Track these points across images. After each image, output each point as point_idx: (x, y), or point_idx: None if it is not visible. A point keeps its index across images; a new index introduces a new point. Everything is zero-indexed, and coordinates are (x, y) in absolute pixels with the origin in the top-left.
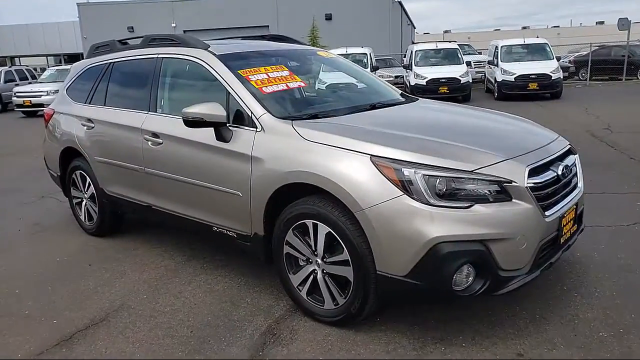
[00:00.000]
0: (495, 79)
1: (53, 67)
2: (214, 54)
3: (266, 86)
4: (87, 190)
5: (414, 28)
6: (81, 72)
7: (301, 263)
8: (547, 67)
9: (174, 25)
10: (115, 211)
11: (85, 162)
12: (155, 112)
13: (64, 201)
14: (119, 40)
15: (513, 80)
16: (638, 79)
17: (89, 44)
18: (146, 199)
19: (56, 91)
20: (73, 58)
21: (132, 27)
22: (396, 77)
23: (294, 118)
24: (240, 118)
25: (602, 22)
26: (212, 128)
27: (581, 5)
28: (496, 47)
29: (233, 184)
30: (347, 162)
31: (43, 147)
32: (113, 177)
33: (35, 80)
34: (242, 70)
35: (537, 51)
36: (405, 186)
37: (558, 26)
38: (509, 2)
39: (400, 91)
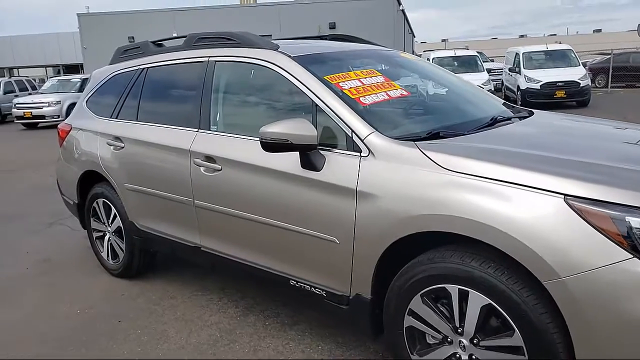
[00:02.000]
0: (517, 86)
1: (54, 78)
2: (289, 56)
3: (363, 96)
4: (111, 223)
5: (414, 37)
6: (105, 80)
7: (431, 341)
8: (575, 74)
9: (175, 34)
10: (147, 249)
11: (111, 189)
12: (208, 129)
13: (77, 230)
14: (154, 41)
15: (539, 88)
16: None
17: (90, 54)
18: (194, 239)
19: (58, 102)
20: (72, 69)
21: (132, 37)
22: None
23: (414, 138)
24: (333, 138)
25: (599, 30)
26: (297, 152)
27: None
28: (517, 53)
29: (326, 226)
30: (526, 205)
31: (57, 169)
32: (148, 209)
33: (35, 91)
34: (329, 76)
35: (561, 57)
36: (636, 243)
37: (555, 34)
38: (498, 12)
39: (501, 100)
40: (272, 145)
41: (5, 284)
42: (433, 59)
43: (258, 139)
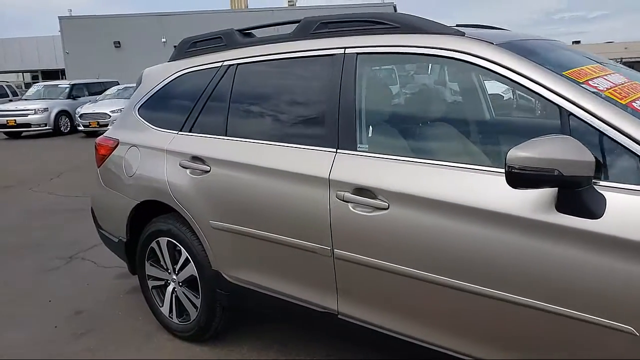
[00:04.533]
0: None
1: (39, 83)
2: (490, 43)
3: (633, 100)
4: (180, 271)
5: None
6: (167, 82)
7: None
8: None
9: (164, 40)
10: (237, 307)
11: (183, 226)
12: (354, 149)
13: (104, 265)
14: (242, 30)
15: None
16: None
17: (72, 60)
18: (325, 301)
19: (45, 109)
20: (51, 75)
21: (118, 42)
22: None
23: None
24: (605, 166)
25: (578, 42)
26: (552, 187)
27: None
28: None
29: (617, 312)
30: None
31: (94, 195)
32: (246, 256)
33: (17, 97)
34: (569, 72)
35: None
36: None
37: None
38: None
39: None
40: (528, 178)
41: (33, 354)
42: None
43: (452, 165)
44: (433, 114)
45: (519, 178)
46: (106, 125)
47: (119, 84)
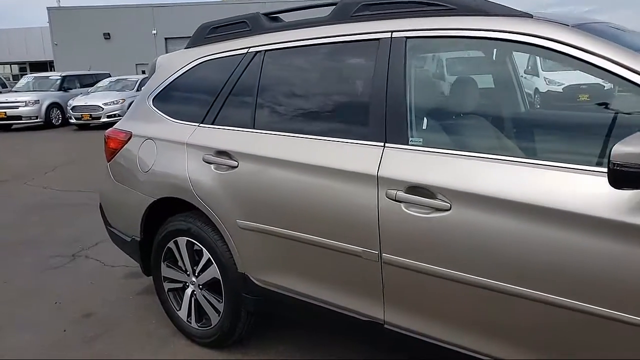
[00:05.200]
0: (535, 89)
1: (30, 75)
2: (565, 25)
3: None
4: (200, 273)
5: None
6: (185, 70)
7: None
8: None
9: (154, 32)
10: (264, 312)
11: (206, 225)
12: (405, 143)
13: (111, 264)
14: (268, 13)
15: (561, 90)
16: None
17: (61, 51)
18: (370, 310)
19: (36, 102)
20: (39, 66)
21: (108, 34)
22: None
23: None
24: None
25: None
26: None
27: None
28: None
29: None
30: None
31: (103, 192)
32: (279, 258)
33: (6, 89)
34: None
35: None
36: None
37: None
38: None
39: None
40: (636, 177)
41: None
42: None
43: (528, 162)
44: (500, 105)
45: (624, 177)
46: (99, 118)
47: (110, 76)
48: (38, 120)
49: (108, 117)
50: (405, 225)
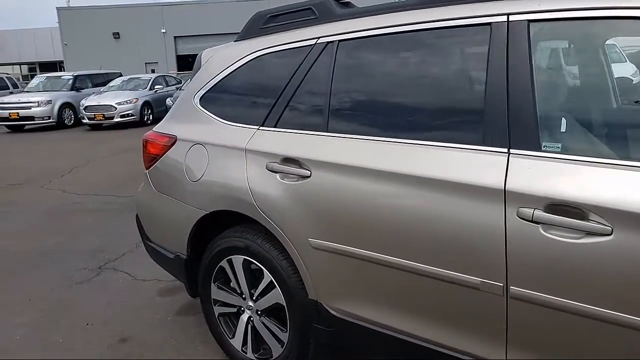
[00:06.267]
0: None
1: (42, 75)
2: None
3: None
4: (259, 296)
5: None
6: (237, 65)
7: None
8: (625, 70)
9: (163, 30)
10: (340, 345)
11: (268, 242)
12: (538, 150)
13: (142, 279)
14: None
15: None
16: None
17: (71, 51)
18: (491, 353)
19: (49, 102)
20: (48, 67)
21: (117, 33)
22: None
23: None
24: None
25: None
26: None
27: None
28: None
29: None
30: None
31: (140, 201)
32: (366, 285)
33: (17, 89)
34: None
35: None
36: None
37: None
38: None
39: None
40: None
41: None
42: None
43: None
44: None
45: None
46: (112, 118)
47: (122, 75)
48: (50, 120)
49: (121, 117)
50: (545, 252)
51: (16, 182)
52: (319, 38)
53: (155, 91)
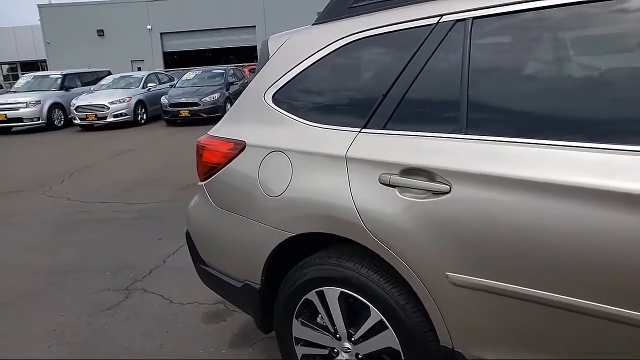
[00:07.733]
0: None
1: (28, 74)
2: None
3: None
4: (362, 338)
5: None
6: (324, 53)
7: None
8: None
9: (149, 27)
10: None
11: (376, 273)
12: None
13: (179, 302)
14: None
15: None
16: None
17: (54, 49)
18: None
19: (37, 102)
20: (29, 66)
21: (102, 31)
22: None
23: None
24: None
25: None
26: None
27: None
28: None
29: None
30: None
31: (194, 218)
32: (533, 333)
33: (1, 90)
34: None
35: None
36: None
37: None
38: None
39: None
40: None
41: None
42: None
43: None
44: None
45: None
46: (105, 118)
47: (111, 73)
48: (40, 122)
49: (114, 116)
50: None
51: (14, 190)
52: (441, 16)
53: (149, 89)
